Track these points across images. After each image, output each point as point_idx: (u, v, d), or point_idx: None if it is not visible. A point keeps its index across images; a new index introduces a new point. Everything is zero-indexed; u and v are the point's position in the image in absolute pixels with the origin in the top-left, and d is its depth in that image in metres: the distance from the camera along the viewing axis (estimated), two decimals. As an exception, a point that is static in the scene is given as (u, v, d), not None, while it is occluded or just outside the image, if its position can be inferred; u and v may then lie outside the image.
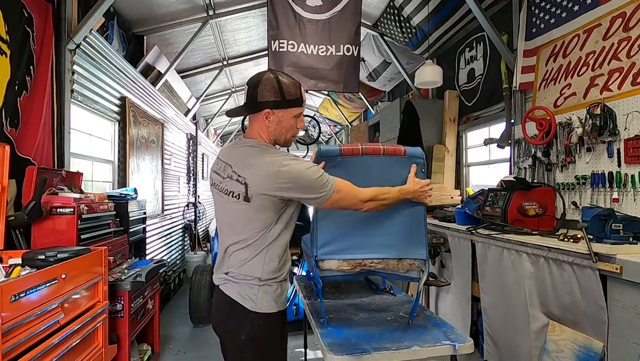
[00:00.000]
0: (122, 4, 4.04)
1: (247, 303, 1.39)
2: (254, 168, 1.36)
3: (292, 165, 1.33)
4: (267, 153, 1.39)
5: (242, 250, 1.41)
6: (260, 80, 1.38)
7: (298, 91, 1.42)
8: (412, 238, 1.62)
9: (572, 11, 2.81)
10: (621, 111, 2.36)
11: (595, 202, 2.51)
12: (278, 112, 1.40)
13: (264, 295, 1.41)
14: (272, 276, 1.42)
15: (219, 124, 10.65)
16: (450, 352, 1.45)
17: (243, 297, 1.40)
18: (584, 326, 1.94)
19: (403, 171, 1.62)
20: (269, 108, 1.38)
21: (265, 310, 1.40)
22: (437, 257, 3.30)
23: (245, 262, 1.40)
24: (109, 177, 3.85)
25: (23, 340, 1.58)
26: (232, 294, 1.42)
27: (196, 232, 6.35)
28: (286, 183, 1.32)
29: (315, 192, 1.35)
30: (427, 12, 4.14)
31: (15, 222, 2.16)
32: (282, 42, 3.77)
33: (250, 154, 1.40)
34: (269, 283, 1.41)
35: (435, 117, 4.66)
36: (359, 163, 1.68)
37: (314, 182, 1.34)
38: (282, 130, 1.44)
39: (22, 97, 2.46)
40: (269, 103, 1.37)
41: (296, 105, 1.42)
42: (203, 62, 6.22)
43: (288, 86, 1.39)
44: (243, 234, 1.40)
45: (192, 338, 3.71)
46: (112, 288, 2.45)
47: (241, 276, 1.41)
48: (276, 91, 1.37)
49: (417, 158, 1.63)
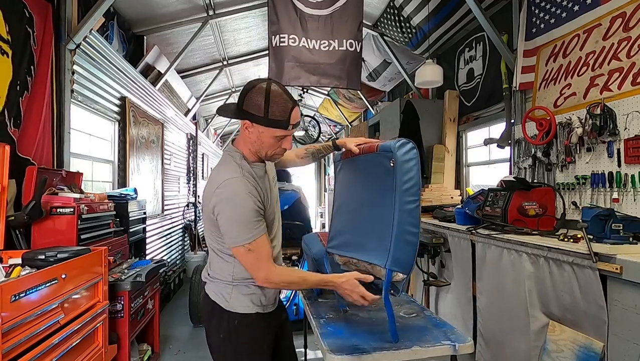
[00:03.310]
0: (122, 4, 4.04)
1: (222, 302, 1.42)
2: (209, 179, 1.39)
3: (229, 189, 1.29)
4: (223, 168, 1.38)
5: (213, 254, 1.44)
6: (253, 87, 1.31)
7: (286, 114, 1.31)
8: (380, 243, 1.46)
9: (572, 11, 2.81)
10: (621, 111, 2.36)
11: (595, 202, 2.51)
12: (258, 127, 1.32)
13: (238, 294, 1.41)
14: (246, 277, 1.40)
15: (219, 124, 10.64)
16: (450, 352, 1.45)
17: (218, 296, 1.43)
18: (584, 326, 1.93)
19: (380, 171, 1.50)
20: (249, 120, 1.32)
21: (240, 310, 1.41)
22: (437, 257, 3.30)
23: (217, 267, 1.44)
24: (109, 177, 3.85)
25: (23, 340, 1.58)
26: (210, 293, 1.46)
27: (196, 232, 6.35)
28: (216, 202, 1.31)
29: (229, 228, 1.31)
30: (427, 12, 4.14)
31: (15, 222, 2.16)
32: (283, 37, 3.70)
33: (218, 163, 1.45)
34: (244, 283, 1.41)
35: (435, 117, 4.65)
36: (351, 166, 1.75)
37: (235, 218, 1.29)
38: (262, 145, 1.37)
39: (24, 97, 2.46)
40: (249, 115, 1.31)
41: (279, 126, 1.31)
42: (203, 62, 6.22)
43: (276, 105, 1.29)
44: (210, 239, 1.43)
45: (192, 338, 3.71)
46: (112, 288, 2.45)
47: (217, 277, 1.44)
48: (260, 107, 1.29)
49: (387, 153, 1.45)
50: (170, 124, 5.51)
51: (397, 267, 1.40)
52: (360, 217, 1.65)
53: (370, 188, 1.59)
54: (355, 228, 1.68)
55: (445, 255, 3.24)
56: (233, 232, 1.30)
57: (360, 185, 1.69)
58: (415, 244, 1.43)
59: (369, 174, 1.60)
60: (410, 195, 1.40)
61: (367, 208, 1.61)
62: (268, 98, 1.29)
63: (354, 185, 1.75)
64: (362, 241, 1.60)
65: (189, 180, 6.69)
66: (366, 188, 1.63)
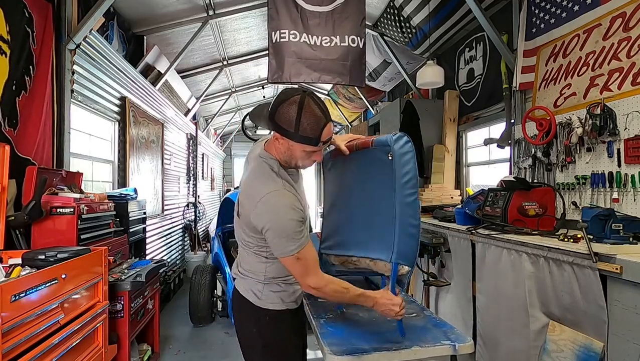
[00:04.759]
0: (122, 4, 4.04)
1: (253, 299, 1.47)
2: (245, 186, 1.41)
3: (271, 203, 1.29)
4: (261, 179, 1.36)
5: (247, 252, 1.48)
6: (287, 100, 1.27)
7: (317, 131, 1.28)
8: (382, 238, 1.48)
9: (572, 11, 2.81)
10: (621, 111, 2.36)
11: (595, 202, 2.51)
12: (288, 140, 1.31)
13: (269, 292, 1.47)
14: (278, 276, 1.46)
15: (219, 124, 10.64)
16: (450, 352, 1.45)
17: (249, 292, 1.48)
18: (584, 326, 1.93)
19: (376, 166, 1.48)
20: (279, 133, 1.31)
21: (270, 306, 1.46)
22: (437, 257, 3.30)
23: (250, 264, 1.48)
24: (109, 177, 3.85)
25: (23, 340, 1.58)
26: (240, 289, 1.51)
27: (196, 232, 6.35)
28: (259, 214, 1.31)
29: (277, 240, 1.31)
30: (427, 12, 4.13)
31: (15, 222, 2.16)
32: (284, 32, 3.62)
33: (253, 170, 1.41)
34: (275, 281, 1.47)
35: (435, 117, 4.65)
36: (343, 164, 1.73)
37: (281, 231, 1.29)
38: (291, 156, 1.37)
39: (21, 97, 2.45)
40: (279, 128, 1.29)
41: (309, 143, 1.29)
42: (203, 62, 6.21)
43: (308, 121, 1.26)
44: (243, 239, 1.47)
45: (192, 338, 3.71)
46: (112, 288, 2.45)
47: (248, 274, 1.49)
48: (291, 122, 1.26)
49: (384, 147, 1.44)
50: (170, 124, 5.51)
51: (403, 260, 1.42)
52: (357, 214, 1.64)
53: (367, 183, 1.59)
54: (351, 225, 1.67)
55: (445, 255, 3.24)
56: (280, 245, 1.32)
57: (354, 182, 1.66)
58: (417, 236, 1.45)
59: (364, 170, 1.59)
60: (409, 187, 1.40)
61: (363, 204, 1.60)
62: (300, 113, 1.25)
63: (347, 183, 1.73)
64: (361, 238, 1.60)
65: (189, 180, 6.69)
66: (362, 185, 1.62)
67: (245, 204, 1.37)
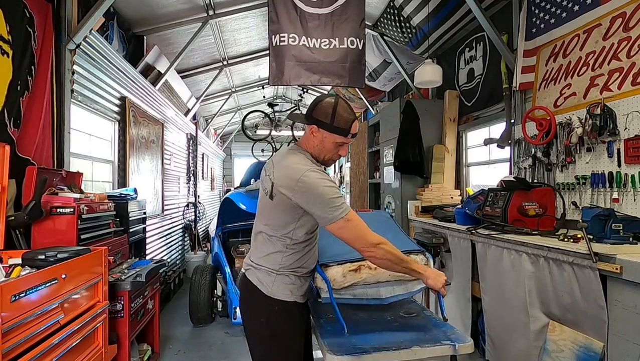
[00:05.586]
0: (122, 4, 4.04)
1: (264, 289, 1.55)
2: (283, 169, 1.53)
3: (312, 177, 1.45)
4: (299, 159, 1.54)
5: (265, 241, 1.58)
6: (322, 100, 1.56)
7: (349, 124, 1.54)
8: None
9: (572, 11, 2.81)
10: (621, 111, 2.36)
11: (595, 202, 2.51)
12: (323, 132, 1.54)
13: (281, 283, 1.56)
14: (291, 268, 1.57)
15: (219, 124, 10.64)
16: (450, 352, 1.45)
17: (261, 283, 1.57)
18: (584, 326, 1.94)
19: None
20: (316, 125, 1.54)
21: (280, 297, 1.55)
22: (437, 257, 3.30)
23: (266, 254, 1.58)
24: (109, 177, 3.85)
25: (23, 340, 1.57)
26: (253, 279, 1.59)
27: (196, 232, 6.35)
28: (302, 190, 1.44)
29: (324, 209, 1.44)
30: (427, 12, 4.13)
31: (15, 222, 2.16)
32: (283, 36, 3.67)
33: (287, 156, 1.57)
34: (286, 273, 1.56)
35: (435, 117, 4.65)
36: None
37: (326, 199, 1.43)
38: (322, 149, 1.58)
39: (24, 97, 2.46)
40: (317, 121, 1.53)
41: (340, 133, 1.54)
42: (203, 62, 6.22)
43: (341, 116, 1.52)
44: (267, 226, 1.58)
45: (192, 338, 3.71)
46: (112, 288, 2.45)
47: (263, 264, 1.58)
48: (327, 115, 1.52)
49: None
50: (170, 124, 5.51)
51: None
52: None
53: None
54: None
55: (445, 255, 3.24)
56: (328, 212, 1.44)
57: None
58: None
59: None
60: None
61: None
62: (335, 109, 1.52)
63: None
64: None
65: (188, 180, 6.69)
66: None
67: (285, 183, 1.48)
